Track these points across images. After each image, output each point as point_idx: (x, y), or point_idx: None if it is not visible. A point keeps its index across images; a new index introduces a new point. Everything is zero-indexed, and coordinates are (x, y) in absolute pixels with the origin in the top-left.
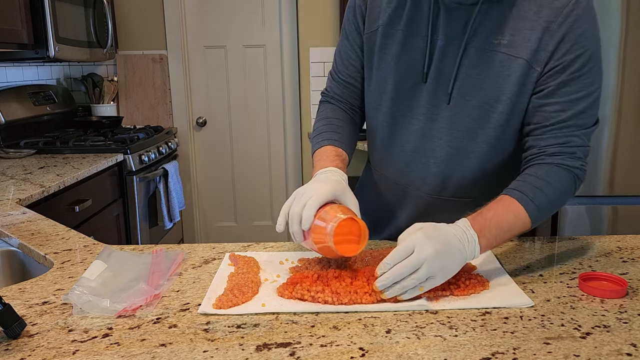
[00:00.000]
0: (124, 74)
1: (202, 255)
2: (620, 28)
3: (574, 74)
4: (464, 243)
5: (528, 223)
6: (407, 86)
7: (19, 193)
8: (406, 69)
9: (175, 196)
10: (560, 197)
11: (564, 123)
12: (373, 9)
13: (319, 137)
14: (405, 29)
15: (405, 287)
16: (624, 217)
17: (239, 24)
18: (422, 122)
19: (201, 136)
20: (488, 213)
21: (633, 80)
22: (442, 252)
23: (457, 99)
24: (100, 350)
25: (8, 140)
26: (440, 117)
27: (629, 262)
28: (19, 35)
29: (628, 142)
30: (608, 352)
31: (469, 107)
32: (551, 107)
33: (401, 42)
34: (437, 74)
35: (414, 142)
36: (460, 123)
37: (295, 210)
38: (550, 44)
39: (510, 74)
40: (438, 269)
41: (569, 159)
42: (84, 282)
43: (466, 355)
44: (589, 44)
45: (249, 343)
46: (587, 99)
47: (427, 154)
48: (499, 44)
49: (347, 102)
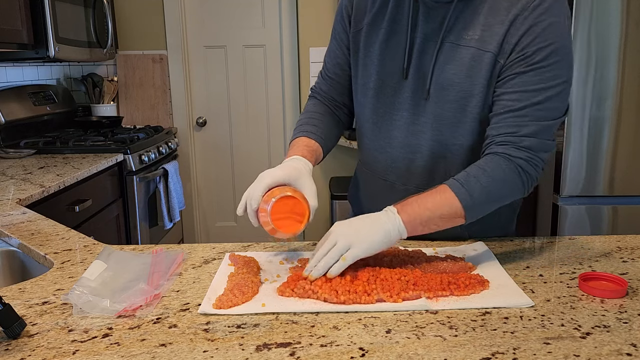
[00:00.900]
0: (124, 74)
1: (202, 255)
2: (620, 28)
3: (534, 66)
4: (380, 216)
5: (459, 207)
6: (390, 83)
7: (19, 193)
8: (389, 66)
9: (175, 196)
10: (500, 186)
11: (518, 112)
12: (359, 9)
13: (296, 130)
14: (387, 27)
15: (328, 263)
16: (624, 217)
17: (239, 24)
18: (406, 118)
19: (201, 136)
20: (414, 196)
21: (633, 80)
22: (354, 225)
23: (434, 94)
24: (100, 350)
25: (8, 140)
26: (422, 112)
27: (629, 262)
28: (19, 35)
29: (628, 142)
30: (608, 352)
31: (446, 101)
32: (508, 96)
33: (384, 40)
34: (416, 71)
35: (398, 138)
36: (440, 117)
37: (249, 193)
38: (515, 36)
39: (481, 67)
40: (354, 239)
41: (513, 148)
42: (84, 282)
43: (466, 355)
44: (554, 38)
45: (249, 343)
46: (546, 92)
47: (412, 149)
48: (471, 39)
49: (332, 98)
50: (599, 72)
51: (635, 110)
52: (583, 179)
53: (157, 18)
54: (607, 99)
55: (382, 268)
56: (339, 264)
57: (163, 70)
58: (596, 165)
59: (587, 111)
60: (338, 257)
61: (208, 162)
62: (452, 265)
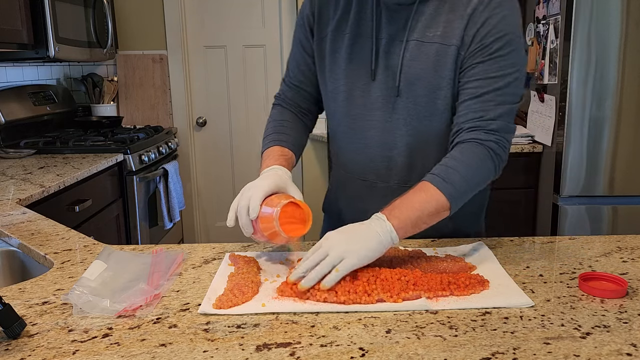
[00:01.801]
0: (124, 74)
1: (202, 255)
2: (620, 28)
3: (492, 55)
4: (370, 224)
5: (444, 201)
6: (359, 85)
7: (19, 193)
8: (356, 70)
9: (175, 196)
10: (477, 172)
11: (481, 98)
12: (322, 17)
13: (267, 138)
14: (352, 33)
15: (319, 272)
16: (624, 217)
17: (239, 24)
18: (379, 117)
19: (201, 136)
20: (398, 198)
21: (633, 80)
22: (346, 235)
23: (405, 91)
24: (100, 350)
25: (8, 140)
26: (395, 109)
27: (629, 262)
28: (19, 35)
29: (628, 142)
30: (608, 352)
31: (416, 96)
32: (471, 84)
33: (349, 45)
34: (384, 70)
35: (375, 137)
36: (413, 112)
37: (242, 203)
38: (473, 28)
39: (446, 61)
40: (347, 250)
41: (483, 133)
42: (84, 282)
43: (466, 355)
44: (508, 29)
45: (249, 343)
46: (505, 78)
47: (390, 146)
48: (434, 35)
49: (297, 105)
50: (599, 72)
51: (635, 110)
52: (583, 179)
53: (157, 18)
54: (607, 99)
55: (382, 268)
56: (333, 275)
57: (163, 70)
58: (596, 165)
59: (587, 111)
60: (330, 269)
61: (208, 162)
62: (452, 265)
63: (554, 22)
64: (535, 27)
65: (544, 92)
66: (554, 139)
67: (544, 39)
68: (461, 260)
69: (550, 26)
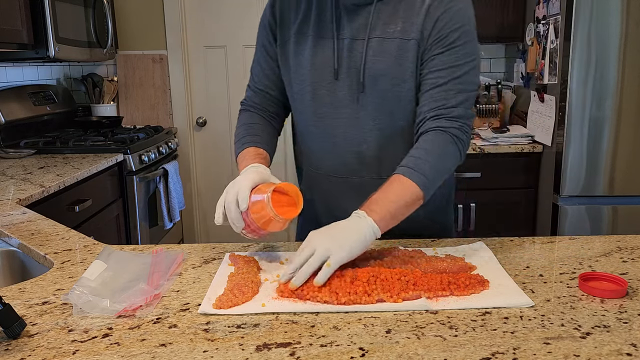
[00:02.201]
0: (124, 74)
1: (202, 255)
2: (620, 28)
3: (449, 46)
4: (352, 221)
5: (418, 190)
6: (324, 84)
7: (19, 193)
8: (320, 70)
9: (175, 196)
10: (444, 160)
11: (442, 87)
12: (283, 21)
13: (240, 141)
14: (313, 34)
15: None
16: (624, 217)
17: (239, 24)
18: (347, 114)
19: (201, 136)
20: (374, 194)
21: (633, 80)
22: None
23: (369, 86)
24: (100, 350)
25: (8, 140)
26: (361, 105)
27: (629, 262)
28: (19, 35)
29: (628, 142)
30: (608, 352)
31: (381, 90)
32: (432, 74)
33: (312, 46)
34: (348, 68)
35: (344, 135)
36: (379, 106)
37: (230, 198)
38: (430, 22)
39: (408, 55)
40: (332, 246)
41: (445, 120)
42: (84, 282)
43: (466, 355)
44: (463, 21)
45: (249, 343)
46: (463, 67)
47: (359, 141)
48: (394, 31)
49: (265, 109)
50: (599, 72)
51: (635, 110)
52: (583, 179)
53: (157, 18)
54: (607, 99)
55: (382, 268)
56: (324, 270)
57: (163, 70)
58: (596, 165)
59: (587, 111)
60: (319, 265)
61: (208, 162)
62: (452, 265)
63: (554, 22)
64: (535, 27)
65: (544, 92)
66: (554, 139)
67: (544, 39)
68: (461, 260)
69: (550, 26)
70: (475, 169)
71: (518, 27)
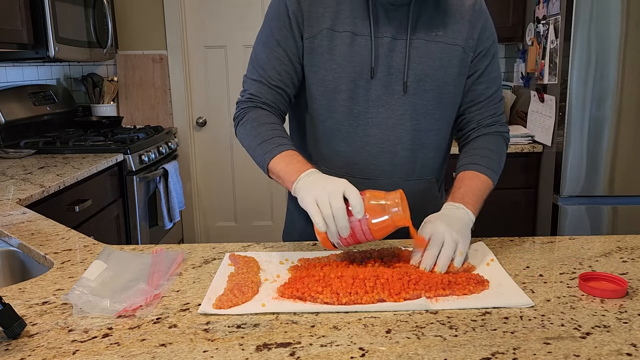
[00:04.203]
0: (124, 74)
1: (202, 255)
2: (620, 28)
3: (492, 56)
4: (458, 212)
5: (491, 184)
6: (360, 83)
7: (19, 193)
8: (357, 68)
9: (175, 196)
10: (502, 157)
11: (491, 97)
12: (311, 14)
13: (271, 142)
14: (350, 31)
15: (447, 260)
16: (624, 217)
17: (239, 24)
18: (383, 114)
19: (201, 136)
20: (461, 189)
21: (633, 80)
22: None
23: (412, 87)
24: (100, 350)
25: (8, 140)
26: (399, 105)
27: (629, 262)
28: (19, 35)
29: (628, 142)
30: (608, 352)
31: (423, 91)
32: (481, 85)
33: (349, 43)
34: (387, 68)
35: (378, 135)
36: (419, 107)
37: (338, 202)
38: (475, 32)
39: (452, 59)
40: (458, 236)
41: (500, 126)
42: (84, 282)
43: (466, 355)
44: (494, 30)
45: (249, 343)
46: (500, 76)
47: (393, 141)
48: (437, 35)
49: (279, 109)
50: (599, 72)
51: (635, 110)
52: (583, 179)
53: (157, 18)
54: (607, 99)
55: (382, 268)
56: (458, 258)
57: (163, 70)
58: (596, 165)
59: (587, 111)
60: (453, 253)
61: (208, 162)
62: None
63: (554, 22)
64: (535, 27)
65: (544, 92)
66: (554, 139)
67: (544, 39)
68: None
69: (550, 26)
70: None
71: (518, 27)
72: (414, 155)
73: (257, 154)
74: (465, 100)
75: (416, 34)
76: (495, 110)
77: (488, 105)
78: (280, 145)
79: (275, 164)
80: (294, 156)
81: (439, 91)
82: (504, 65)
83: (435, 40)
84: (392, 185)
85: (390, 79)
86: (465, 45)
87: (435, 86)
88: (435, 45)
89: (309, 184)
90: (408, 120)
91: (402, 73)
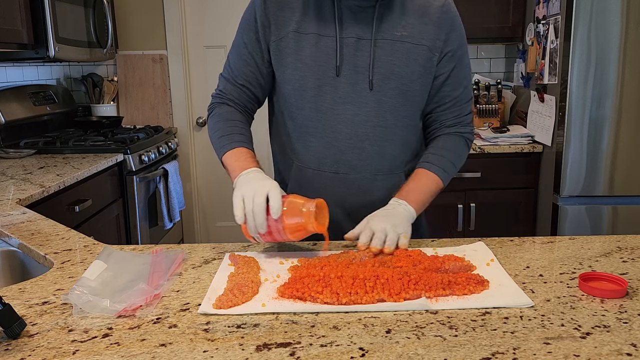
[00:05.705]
0: (124, 74)
1: (202, 255)
2: (620, 28)
3: (459, 60)
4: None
5: (440, 182)
6: (327, 81)
7: (19, 193)
8: (323, 66)
9: (175, 196)
10: (459, 157)
11: (457, 99)
12: (278, 18)
13: (227, 138)
14: (316, 32)
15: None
16: (624, 217)
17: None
18: (350, 111)
19: (201, 136)
20: (408, 185)
21: (633, 80)
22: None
23: (378, 84)
24: (100, 350)
25: (8, 140)
26: (365, 102)
27: (629, 262)
28: (19, 35)
29: (628, 142)
30: (608, 352)
31: (389, 89)
32: (447, 87)
33: (314, 44)
34: (353, 67)
35: (345, 130)
36: (384, 104)
37: (259, 201)
38: (442, 34)
39: (417, 58)
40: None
41: (461, 127)
42: (84, 282)
43: (466, 355)
44: (463, 34)
45: (249, 343)
46: (467, 78)
47: (361, 137)
48: (402, 35)
49: (244, 106)
50: (599, 72)
51: (635, 110)
52: (583, 179)
53: (157, 18)
54: (607, 99)
55: (382, 268)
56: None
57: (163, 70)
58: (596, 165)
59: (587, 111)
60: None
61: (208, 162)
62: (452, 265)
63: (554, 22)
64: (535, 27)
65: (544, 92)
66: (554, 139)
67: (544, 39)
68: (461, 260)
69: (550, 26)
70: (475, 169)
71: (518, 27)
72: (382, 150)
73: (216, 147)
74: (433, 100)
75: (381, 34)
76: (460, 111)
77: (453, 107)
78: (234, 142)
79: (227, 157)
80: (243, 154)
81: (404, 89)
82: (504, 65)
83: (401, 40)
84: (362, 180)
85: (357, 77)
86: (432, 46)
87: (400, 84)
88: (401, 45)
89: (244, 181)
90: (374, 117)
91: (368, 71)
